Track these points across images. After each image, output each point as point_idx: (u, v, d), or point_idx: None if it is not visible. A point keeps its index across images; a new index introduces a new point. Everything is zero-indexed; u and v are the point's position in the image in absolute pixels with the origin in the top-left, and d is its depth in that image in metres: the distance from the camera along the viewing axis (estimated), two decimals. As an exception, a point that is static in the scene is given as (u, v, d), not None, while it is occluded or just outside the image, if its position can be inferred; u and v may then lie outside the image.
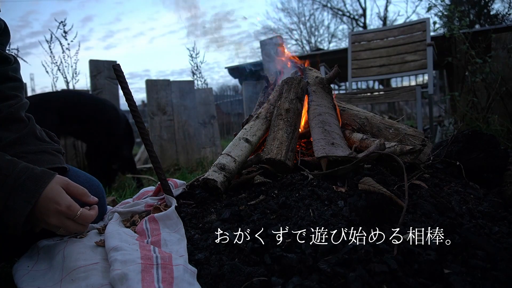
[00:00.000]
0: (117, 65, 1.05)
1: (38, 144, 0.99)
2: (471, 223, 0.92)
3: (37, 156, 0.96)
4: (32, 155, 0.95)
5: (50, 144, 1.03)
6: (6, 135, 0.94)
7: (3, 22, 0.98)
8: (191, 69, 5.95)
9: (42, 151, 0.98)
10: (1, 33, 0.98)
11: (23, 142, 0.96)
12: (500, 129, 2.64)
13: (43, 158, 0.97)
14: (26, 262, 0.87)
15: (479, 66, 2.91)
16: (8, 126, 0.96)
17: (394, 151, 1.17)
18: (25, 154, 0.94)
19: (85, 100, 2.77)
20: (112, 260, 0.74)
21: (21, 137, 0.96)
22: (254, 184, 1.16)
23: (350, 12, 20.34)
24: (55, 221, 0.83)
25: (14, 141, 0.95)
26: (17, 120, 0.98)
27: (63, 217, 0.84)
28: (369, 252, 0.72)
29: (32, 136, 0.99)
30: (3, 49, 0.99)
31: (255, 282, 0.70)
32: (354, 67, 3.73)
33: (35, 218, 0.82)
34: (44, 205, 0.81)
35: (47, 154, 0.99)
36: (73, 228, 0.87)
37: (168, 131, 3.97)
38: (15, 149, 0.94)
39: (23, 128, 0.98)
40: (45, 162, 0.96)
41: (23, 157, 0.91)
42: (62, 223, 0.84)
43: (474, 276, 0.70)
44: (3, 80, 0.98)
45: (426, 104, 6.88)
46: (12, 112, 0.97)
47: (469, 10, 13.36)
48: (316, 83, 1.50)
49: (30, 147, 0.96)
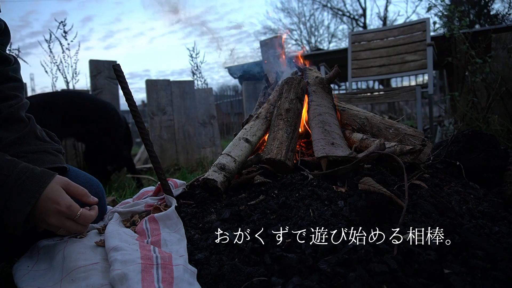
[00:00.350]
0: (117, 65, 1.05)
1: (39, 144, 0.99)
2: (471, 223, 0.92)
3: (38, 155, 0.96)
4: (32, 154, 0.95)
5: (51, 144, 1.03)
6: (7, 135, 0.95)
7: (4, 23, 0.99)
8: (191, 69, 5.94)
9: (42, 150, 0.99)
10: (1, 34, 0.98)
11: (23, 142, 0.96)
12: (500, 129, 2.64)
13: (43, 157, 0.97)
14: (26, 262, 0.87)
15: (479, 66, 2.91)
16: (8, 126, 0.96)
17: (394, 151, 1.17)
18: (25, 153, 0.94)
19: (87, 102, 2.78)
20: (112, 260, 0.74)
21: (21, 137, 0.96)
22: (254, 184, 1.16)
23: (350, 12, 20.36)
24: (55, 221, 0.83)
25: (15, 140, 0.95)
26: (18, 120, 0.98)
27: (63, 217, 0.84)
28: (369, 252, 0.72)
29: (32, 136, 0.99)
30: (3, 49, 1.00)
31: (255, 282, 0.70)
32: (354, 67, 3.73)
33: (35, 219, 0.82)
34: (44, 205, 0.81)
35: (48, 154, 0.99)
36: (73, 228, 0.87)
37: (168, 131, 3.97)
38: (16, 148, 0.94)
39: (23, 128, 0.98)
40: (45, 161, 0.96)
41: (23, 157, 0.91)
42: (62, 223, 0.84)
43: (474, 276, 0.70)
44: (3, 80, 0.98)
45: (426, 104, 6.88)
46: (12, 112, 0.97)
47: (469, 10, 13.36)
48: (316, 83, 1.50)
49: (30, 147, 0.97)
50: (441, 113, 7.91)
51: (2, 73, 0.98)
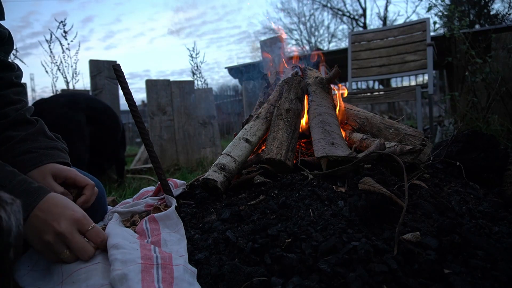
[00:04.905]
0: (117, 65, 1.05)
1: (48, 141, 1.03)
2: (471, 223, 0.92)
3: (48, 151, 0.99)
4: (43, 150, 0.98)
5: (59, 142, 1.07)
6: (16, 134, 0.98)
7: (8, 31, 1.03)
8: (191, 69, 5.96)
9: (52, 147, 1.02)
10: (5, 42, 1.02)
11: (33, 139, 1.00)
12: (500, 129, 2.64)
13: (53, 153, 1.00)
14: (26, 262, 0.87)
15: (479, 66, 2.91)
16: (17, 128, 1.00)
17: (394, 151, 1.17)
18: (36, 149, 0.97)
19: (99, 105, 2.95)
20: (112, 259, 0.74)
21: (31, 134, 1.00)
22: (254, 184, 1.16)
23: (350, 12, 20.34)
24: (65, 228, 0.76)
25: (25, 137, 0.98)
26: (26, 122, 1.02)
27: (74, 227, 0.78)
28: (369, 252, 0.72)
29: (42, 134, 1.03)
30: (6, 57, 1.05)
31: (255, 282, 0.70)
32: (354, 67, 3.73)
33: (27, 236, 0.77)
34: (37, 222, 0.76)
35: (58, 150, 1.03)
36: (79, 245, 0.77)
37: (168, 131, 3.97)
38: (27, 144, 0.97)
39: (32, 128, 1.02)
40: (55, 156, 1.00)
41: (34, 152, 0.95)
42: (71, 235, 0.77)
43: (474, 276, 0.70)
44: (8, 85, 1.03)
45: (426, 104, 6.88)
46: (21, 114, 1.01)
47: (469, 10, 13.35)
48: (316, 83, 1.50)
49: (40, 143, 1.00)
50: (441, 113, 7.91)
51: (7, 79, 1.03)
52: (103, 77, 3.78)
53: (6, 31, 1.02)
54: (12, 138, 0.96)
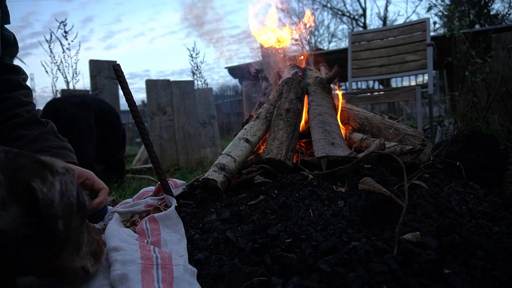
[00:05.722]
0: (117, 65, 1.05)
1: (59, 141, 1.09)
2: (471, 223, 0.92)
3: (59, 151, 1.05)
4: (55, 149, 1.04)
5: (67, 143, 1.12)
6: (29, 133, 1.03)
7: (13, 35, 1.06)
8: (191, 69, 5.96)
9: (63, 147, 1.08)
10: (10, 45, 1.05)
11: (46, 138, 1.05)
12: (500, 129, 2.64)
13: (65, 153, 1.06)
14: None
15: (479, 66, 2.91)
16: (29, 128, 1.05)
17: (394, 151, 1.17)
18: (49, 148, 1.03)
19: (105, 106, 3.01)
20: (112, 261, 0.74)
21: (43, 133, 1.05)
22: (254, 184, 1.16)
23: (350, 12, 20.34)
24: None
25: (38, 136, 1.03)
26: (38, 123, 1.07)
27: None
28: (369, 252, 0.72)
29: (53, 134, 1.09)
30: (11, 60, 1.09)
31: (255, 282, 0.70)
32: (354, 67, 3.73)
33: None
34: None
35: (67, 150, 1.09)
36: None
37: (168, 131, 3.97)
38: (39, 143, 1.02)
39: (43, 128, 1.07)
40: (66, 156, 1.06)
41: (47, 151, 1.00)
42: None
43: (474, 276, 0.70)
44: (17, 88, 1.08)
45: (426, 104, 6.89)
46: (34, 115, 1.07)
47: (469, 10, 13.35)
48: (316, 83, 1.50)
49: (52, 143, 1.05)
50: (441, 113, 7.91)
51: (16, 81, 1.07)
52: (103, 77, 3.78)
53: (11, 35, 1.05)
54: (24, 137, 1.01)
